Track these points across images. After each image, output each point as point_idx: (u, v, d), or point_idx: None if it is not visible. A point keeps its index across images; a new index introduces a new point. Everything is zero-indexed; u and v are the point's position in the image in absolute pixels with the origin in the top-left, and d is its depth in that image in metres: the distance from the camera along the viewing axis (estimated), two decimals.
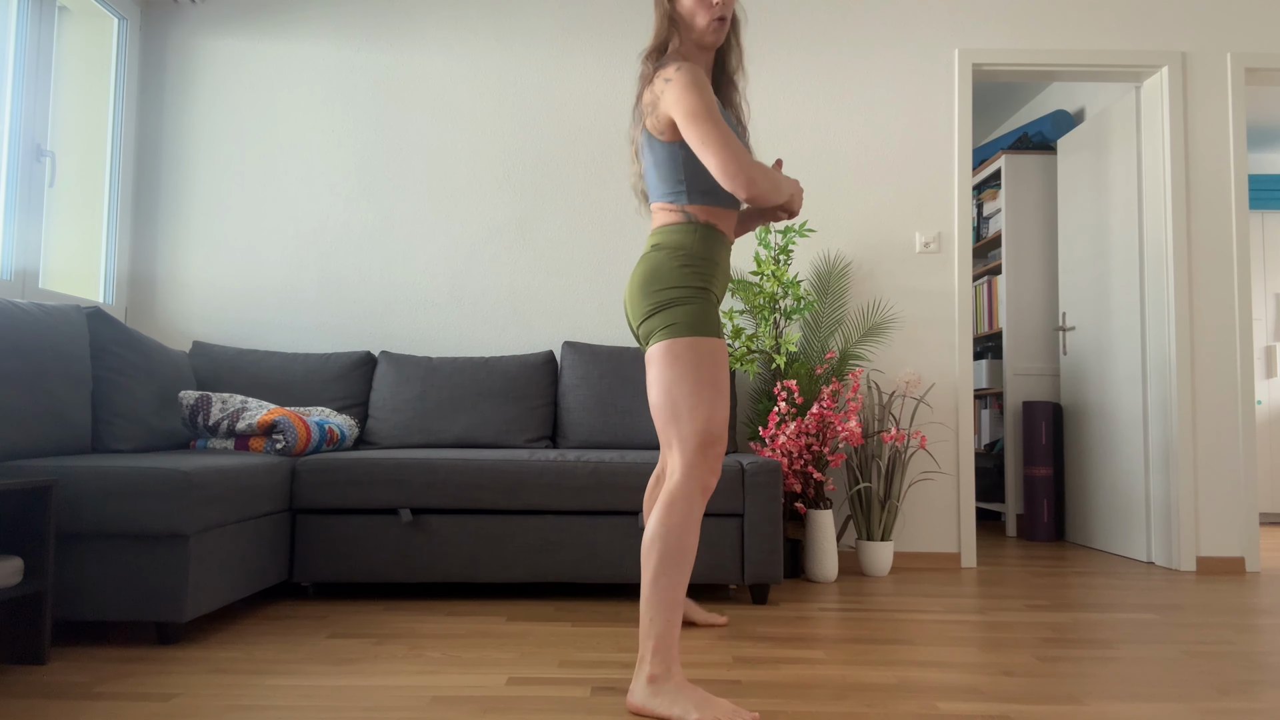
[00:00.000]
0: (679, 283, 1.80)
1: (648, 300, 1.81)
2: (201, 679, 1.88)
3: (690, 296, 1.79)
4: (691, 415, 1.74)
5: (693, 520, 1.72)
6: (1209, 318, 3.57)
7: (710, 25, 1.84)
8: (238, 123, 3.58)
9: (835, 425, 3.14)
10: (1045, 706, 1.76)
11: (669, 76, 1.77)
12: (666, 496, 1.73)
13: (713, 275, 1.85)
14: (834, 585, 3.08)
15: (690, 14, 1.85)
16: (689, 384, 1.74)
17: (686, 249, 1.82)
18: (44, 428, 2.35)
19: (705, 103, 1.73)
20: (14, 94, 2.89)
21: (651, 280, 1.81)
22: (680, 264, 1.81)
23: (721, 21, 1.85)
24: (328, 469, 2.69)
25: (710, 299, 1.83)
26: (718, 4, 1.82)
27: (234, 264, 3.54)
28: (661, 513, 1.72)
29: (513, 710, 1.70)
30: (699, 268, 1.82)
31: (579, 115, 3.61)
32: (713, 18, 1.83)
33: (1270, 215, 5.49)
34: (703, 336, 1.76)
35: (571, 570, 2.72)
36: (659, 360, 1.78)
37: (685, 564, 1.70)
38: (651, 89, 1.81)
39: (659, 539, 1.70)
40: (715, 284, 1.86)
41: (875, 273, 3.58)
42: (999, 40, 3.62)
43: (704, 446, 1.73)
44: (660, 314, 1.79)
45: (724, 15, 1.84)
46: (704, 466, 1.74)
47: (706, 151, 1.71)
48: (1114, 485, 3.90)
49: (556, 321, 3.55)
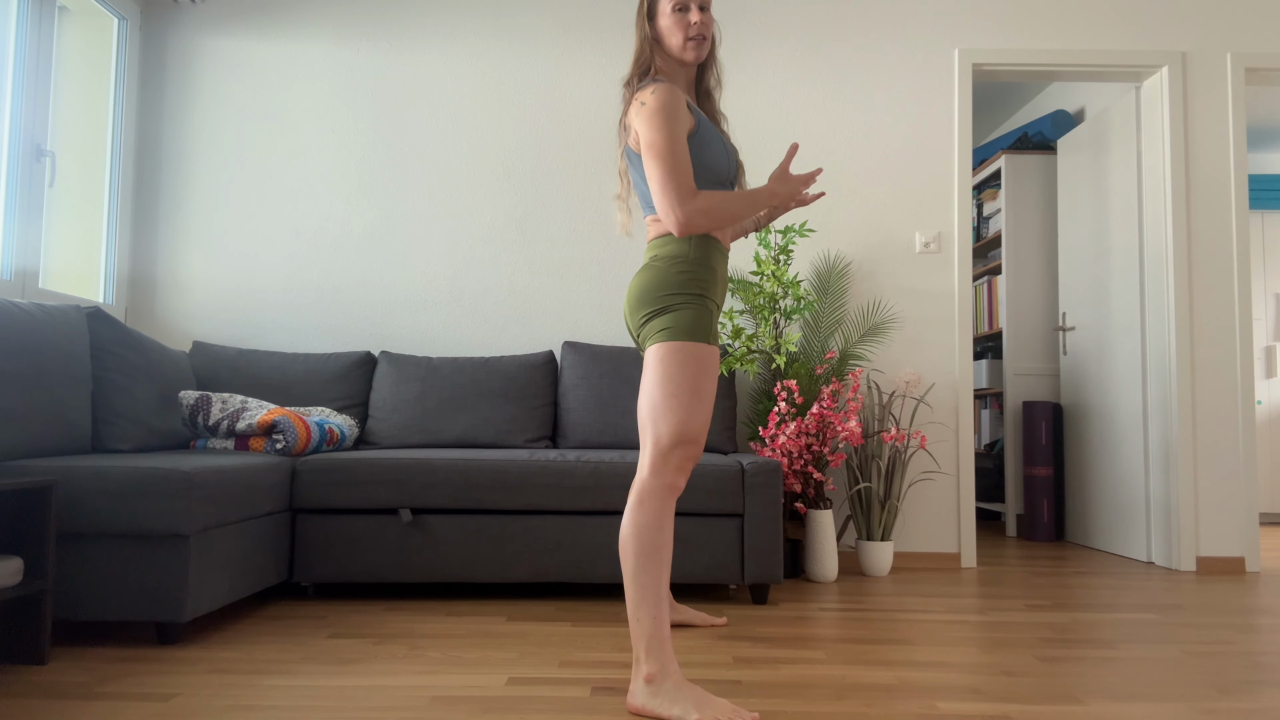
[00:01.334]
0: (678, 289, 1.82)
1: (646, 307, 1.83)
2: (201, 679, 1.88)
3: (687, 302, 1.81)
4: (666, 416, 1.75)
5: (663, 516, 1.74)
6: (1209, 318, 3.57)
7: (687, 44, 1.88)
8: (238, 123, 3.58)
9: (835, 425, 3.14)
10: (1045, 706, 1.76)
11: (644, 100, 1.81)
12: (635, 494, 1.76)
13: (711, 282, 1.87)
14: (834, 585, 3.08)
15: (668, 33, 1.89)
16: (670, 386, 1.76)
17: (683, 257, 1.84)
18: (44, 428, 2.35)
19: (667, 134, 1.76)
20: (14, 94, 2.89)
21: (651, 289, 1.83)
22: (679, 271, 1.83)
23: (699, 40, 1.88)
24: (328, 469, 2.69)
25: (707, 305, 1.84)
26: (695, 23, 1.87)
27: (234, 264, 3.54)
28: (633, 510, 1.74)
29: (513, 710, 1.70)
30: (697, 274, 1.84)
31: (579, 115, 3.61)
32: (688, 37, 1.88)
33: (1270, 215, 5.49)
34: (694, 342, 1.78)
35: (571, 570, 2.72)
36: (649, 362, 1.81)
37: (662, 559, 1.73)
38: (631, 111, 1.86)
39: (633, 537, 1.72)
40: (713, 291, 1.88)
41: (875, 273, 3.58)
42: (999, 40, 3.63)
43: (673, 447, 1.75)
44: (658, 318, 1.81)
45: (702, 35, 1.88)
46: (670, 467, 1.75)
47: (653, 186, 1.77)
48: (1114, 485, 3.90)
49: (556, 321, 3.55)
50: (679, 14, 1.87)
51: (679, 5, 1.87)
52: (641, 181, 1.91)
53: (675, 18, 1.87)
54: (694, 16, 1.86)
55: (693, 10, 1.87)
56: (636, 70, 1.92)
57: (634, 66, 1.93)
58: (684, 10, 1.87)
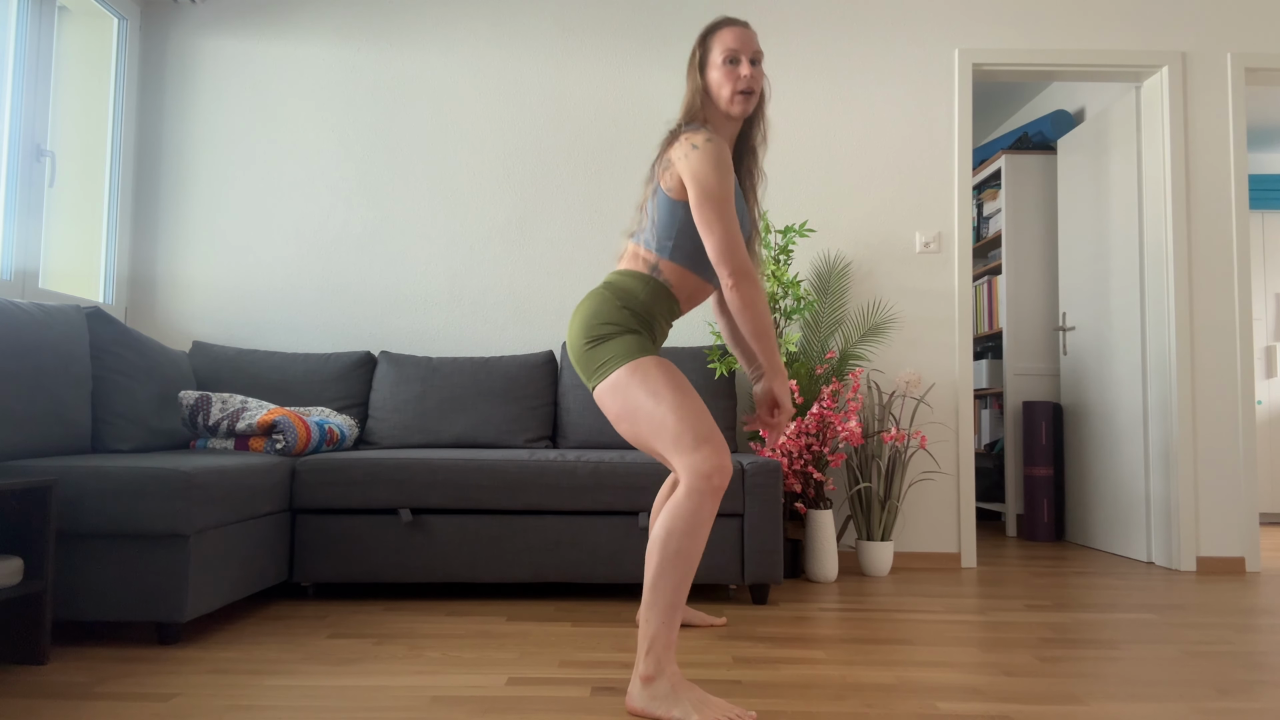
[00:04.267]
0: (614, 320, 1.85)
1: (584, 336, 1.86)
2: (201, 679, 1.88)
3: (624, 331, 1.84)
4: (675, 423, 1.73)
5: (695, 524, 1.69)
6: (1209, 318, 3.57)
7: (735, 97, 1.89)
8: (238, 123, 3.58)
9: (835, 425, 3.14)
10: (1045, 706, 1.76)
11: (696, 143, 1.82)
12: (671, 501, 1.73)
13: (651, 325, 1.91)
14: (834, 585, 3.08)
15: (718, 86, 1.91)
16: (649, 402, 1.76)
17: (632, 295, 1.88)
18: (44, 428, 2.35)
19: (722, 187, 1.79)
20: (14, 94, 2.89)
21: (591, 316, 1.86)
22: (621, 305, 1.87)
23: (748, 95, 1.90)
24: (328, 469, 2.69)
25: (645, 337, 1.87)
26: (744, 77, 1.88)
27: (234, 264, 3.54)
28: (664, 517, 1.72)
29: (513, 710, 1.70)
30: (637, 312, 1.88)
31: (579, 115, 3.61)
32: (737, 90, 1.89)
33: (1270, 215, 5.49)
34: (639, 358, 1.80)
35: (571, 570, 2.72)
36: (608, 397, 1.81)
37: (685, 568, 1.69)
38: (675, 148, 1.86)
39: (659, 542, 1.70)
40: (652, 333, 1.92)
41: (875, 273, 3.58)
42: (999, 40, 3.62)
43: (699, 443, 1.72)
44: (596, 349, 1.83)
45: (750, 89, 1.89)
46: (709, 464, 1.70)
47: (710, 234, 1.78)
48: (1114, 485, 3.90)
49: (556, 321, 3.55)
50: (729, 66, 1.89)
51: (729, 57, 1.89)
52: (665, 219, 1.90)
53: (725, 70, 1.89)
54: (744, 70, 1.88)
55: (743, 64, 1.89)
56: (684, 119, 1.94)
57: (683, 115, 1.95)
58: (734, 63, 1.89)
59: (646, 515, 2.70)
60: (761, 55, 1.93)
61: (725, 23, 1.93)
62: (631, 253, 1.95)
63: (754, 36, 1.93)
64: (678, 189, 1.87)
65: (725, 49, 1.89)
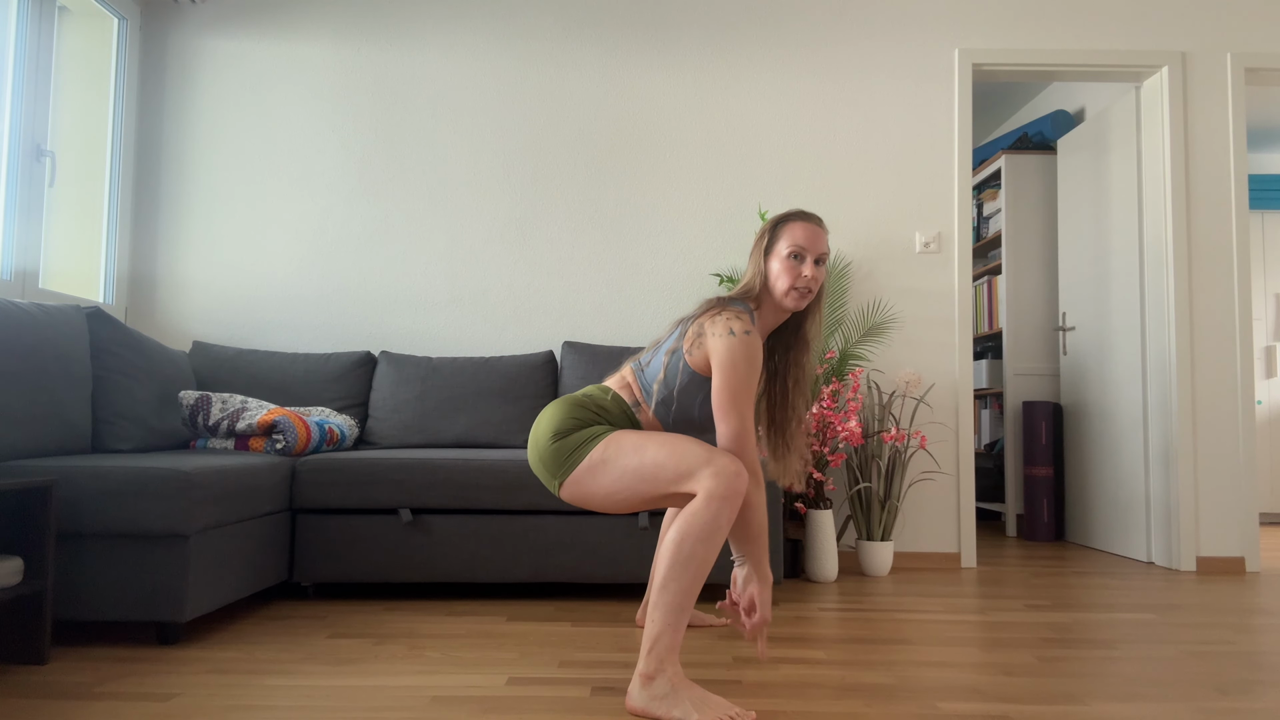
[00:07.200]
0: (583, 418, 1.90)
1: (550, 432, 1.88)
2: (201, 679, 1.88)
3: (593, 423, 1.90)
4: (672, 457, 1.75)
5: (712, 531, 1.69)
6: (1209, 318, 3.57)
7: (790, 292, 1.92)
8: (238, 123, 3.58)
9: (835, 425, 3.14)
10: (1045, 706, 1.76)
11: (735, 331, 1.83)
12: (689, 508, 1.74)
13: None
14: (834, 585, 3.08)
15: (776, 276, 1.93)
16: (635, 458, 1.79)
17: (605, 410, 1.94)
18: (44, 428, 2.34)
19: (749, 382, 1.82)
20: (14, 94, 2.89)
21: (561, 414, 1.90)
22: (593, 411, 1.92)
23: (804, 293, 1.92)
24: (328, 469, 2.69)
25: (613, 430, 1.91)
26: (805, 277, 1.91)
27: (234, 264, 3.54)
28: (680, 521, 1.72)
29: (513, 710, 1.70)
30: (608, 422, 1.93)
31: (579, 115, 3.61)
32: (794, 286, 1.91)
33: (1270, 215, 5.49)
34: (612, 433, 1.85)
35: (571, 570, 2.72)
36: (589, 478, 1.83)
37: (695, 573, 1.69)
38: (715, 322, 1.86)
39: (673, 544, 1.70)
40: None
41: (875, 273, 3.58)
42: (999, 40, 3.63)
43: (711, 456, 1.73)
44: (564, 440, 1.86)
45: (810, 289, 1.92)
46: (731, 465, 1.72)
47: (724, 423, 1.80)
48: (1114, 485, 3.90)
49: (556, 321, 3.55)
50: (792, 260, 1.91)
51: (795, 252, 1.91)
52: (671, 380, 1.93)
53: (788, 263, 1.91)
54: (806, 270, 1.90)
55: (807, 263, 1.91)
56: (740, 294, 1.97)
57: (740, 289, 1.98)
58: (799, 259, 1.91)
59: (646, 515, 2.70)
60: (828, 255, 1.95)
61: (798, 216, 1.95)
62: (624, 381, 2.00)
63: (824, 236, 1.95)
64: (701, 363, 1.89)
65: (793, 243, 1.91)
